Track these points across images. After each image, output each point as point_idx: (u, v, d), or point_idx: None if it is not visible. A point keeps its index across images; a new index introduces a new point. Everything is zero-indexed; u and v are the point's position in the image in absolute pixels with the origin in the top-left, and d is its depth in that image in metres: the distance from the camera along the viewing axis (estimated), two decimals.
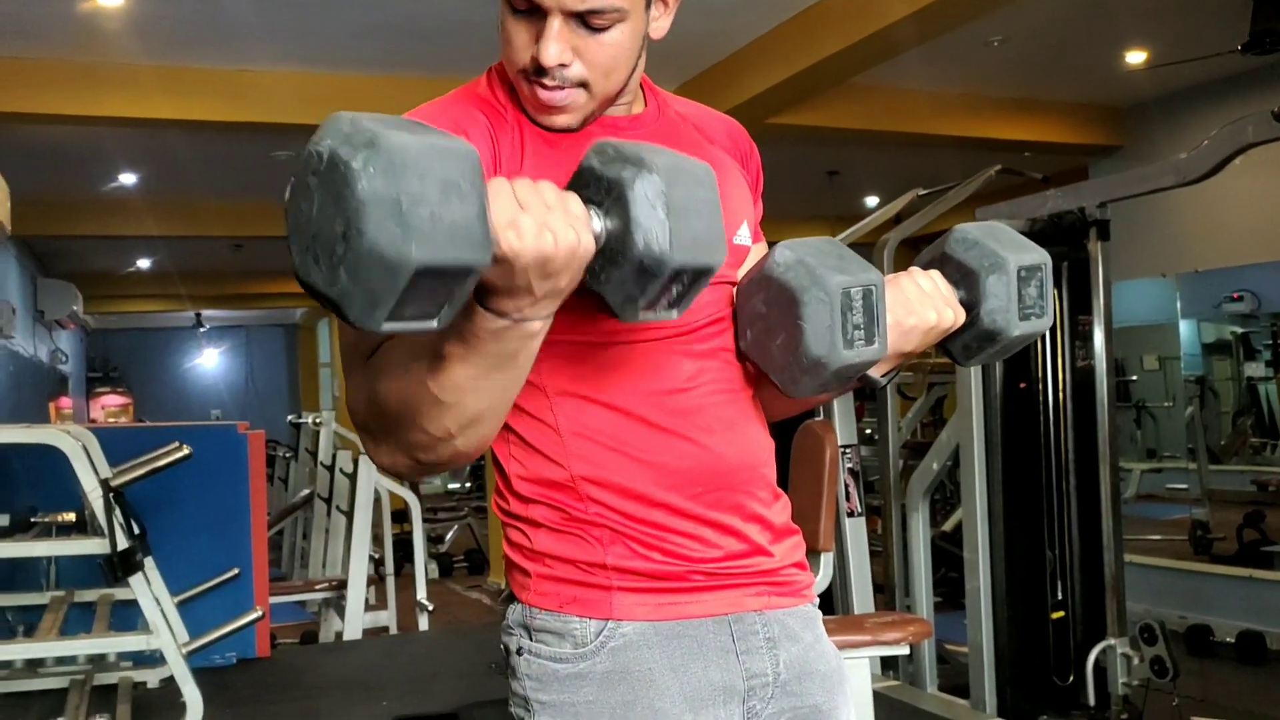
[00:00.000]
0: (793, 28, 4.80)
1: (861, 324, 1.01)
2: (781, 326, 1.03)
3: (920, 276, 1.11)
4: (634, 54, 1.06)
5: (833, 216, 8.94)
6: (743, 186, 1.20)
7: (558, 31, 1.00)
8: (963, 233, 1.13)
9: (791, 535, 1.17)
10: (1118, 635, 3.51)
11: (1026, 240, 1.13)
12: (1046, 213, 3.63)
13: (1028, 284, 1.10)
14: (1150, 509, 6.59)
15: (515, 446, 1.08)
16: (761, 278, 1.05)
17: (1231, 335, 6.62)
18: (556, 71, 1.02)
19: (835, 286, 1.00)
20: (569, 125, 1.07)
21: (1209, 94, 5.98)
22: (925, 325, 1.09)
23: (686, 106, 1.22)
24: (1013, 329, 1.10)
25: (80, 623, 3.62)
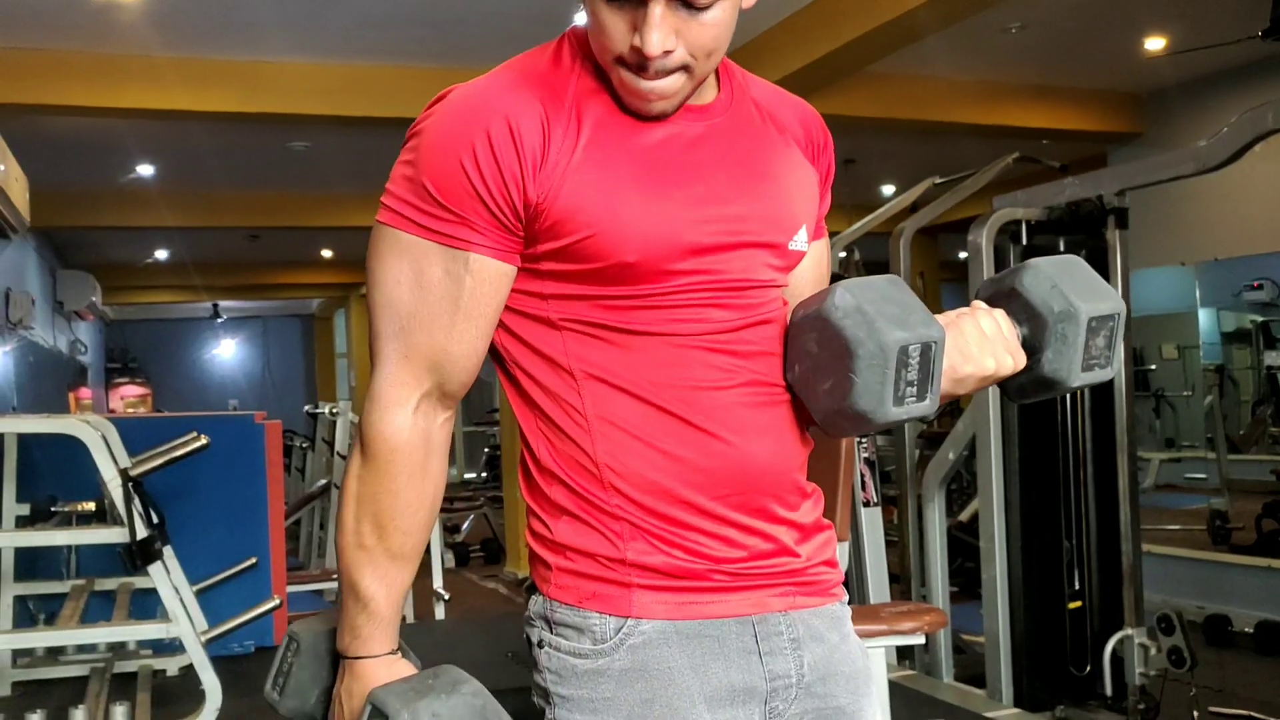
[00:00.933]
0: (809, 15, 4.78)
1: (915, 380, 0.97)
2: (831, 372, 0.99)
3: (984, 317, 1.06)
4: (732, 30, 1.02)
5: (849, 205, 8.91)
6: (808, 183, 1.16)
7: (660, 18, 0.95)
8: (1036, 269, 1.06)
9: (822, 531, 1.14)
10: (1135, 625, 3.49)
11: (1103, 283, 1.07)
12: (1064, 201, 3.60)
13: (1097, 334, 1.05)
14: (1169, 499, 6.55)
15: (544, 424, 1.07)
16: (817, 317, 1.00)
17: (1251, 324, 6.56)
18: (660, 60, 0.97)
19: (893, 344, 0.95)
20: (666, 112, 1.03)
21: (1229, 81, 5.92)
22: (982, 374, 1.05)
23: (762, 90, 1.17)
24: (1073, 379, 1.06)
25: (100, 611, 3.66)
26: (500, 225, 1.01)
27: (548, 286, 1.04)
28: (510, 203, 1.00)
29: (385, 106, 5.26)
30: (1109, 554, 3.63)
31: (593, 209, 1.00)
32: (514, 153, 0.99)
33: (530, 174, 1.00)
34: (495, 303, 1.05)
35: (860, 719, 1.12)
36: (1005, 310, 1.07)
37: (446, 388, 1.05)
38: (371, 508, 1.05)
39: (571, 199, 1.00)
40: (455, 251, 1.01)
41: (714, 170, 1.07)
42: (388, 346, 1.04)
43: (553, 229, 1.01)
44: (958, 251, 9.83)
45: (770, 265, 1.09)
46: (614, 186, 1.01)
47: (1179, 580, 5.22)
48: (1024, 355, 1.06)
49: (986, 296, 1.10)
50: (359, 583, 1.05)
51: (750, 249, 1.07)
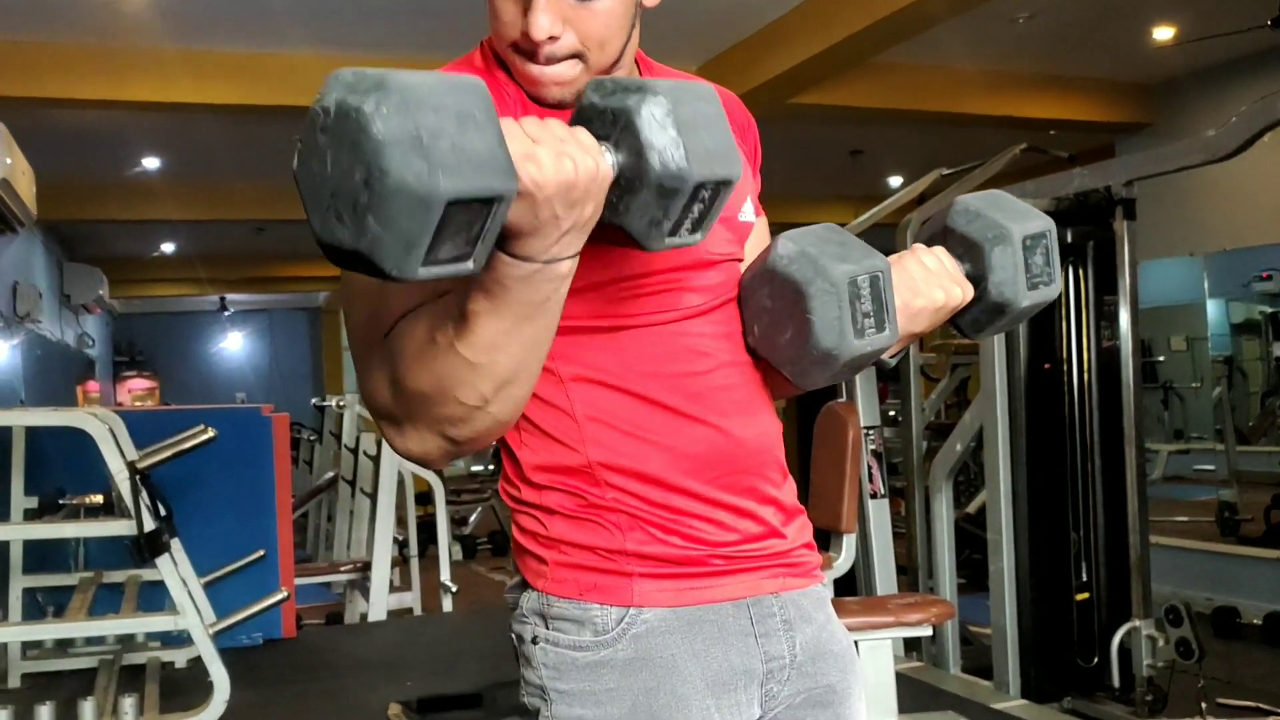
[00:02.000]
0: (816, 6, 4.76)
1: (871, 312, 0.99)
2: (789, 320, 1.01)
3: (924, 254, 1.09)
4: (628, 23, 1.03)
5: (856, 196, 8.90)
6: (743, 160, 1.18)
7: (545, 3, 0.97)
8: (964, 204, 1.11)
9: (799, 515, 1.16)
10: (1143, 617, 3.49)
11: (1029, 207, 1.11)
12: (1072, 191, 3.59)
13: (1033, 252, 1.08)
14: (1177, 490, 6.54)
15: (527, 433, 1.06)
16: (765, 271, 1.03)
17: (1260, 315, 6.54)
18: (547, 45, 0.99)
19: (841, 276, 0.98)
20: (564, 99, 1.03)
21: (1238, 70, 5.89)
22: (934, 305, 1.07)
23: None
24: (1021, 299, 1.09)
25: (109, 603, 3.67)
26: None
27: None
28: None
29: None
30: (1117, 546, 3.62)
31: None
32: None
33: None
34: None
35: (849, 697, 1.14)
36: (943, 247, 1.11)
37: None
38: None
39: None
40: None
41: None
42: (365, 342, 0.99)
43: None
44: None
45: (725, 238, 1.11)
46: None
47: (1187, 572, 5.21)
48: (970, 286, 1.09)
49: (924, 239, 1.13)
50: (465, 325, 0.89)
51: None
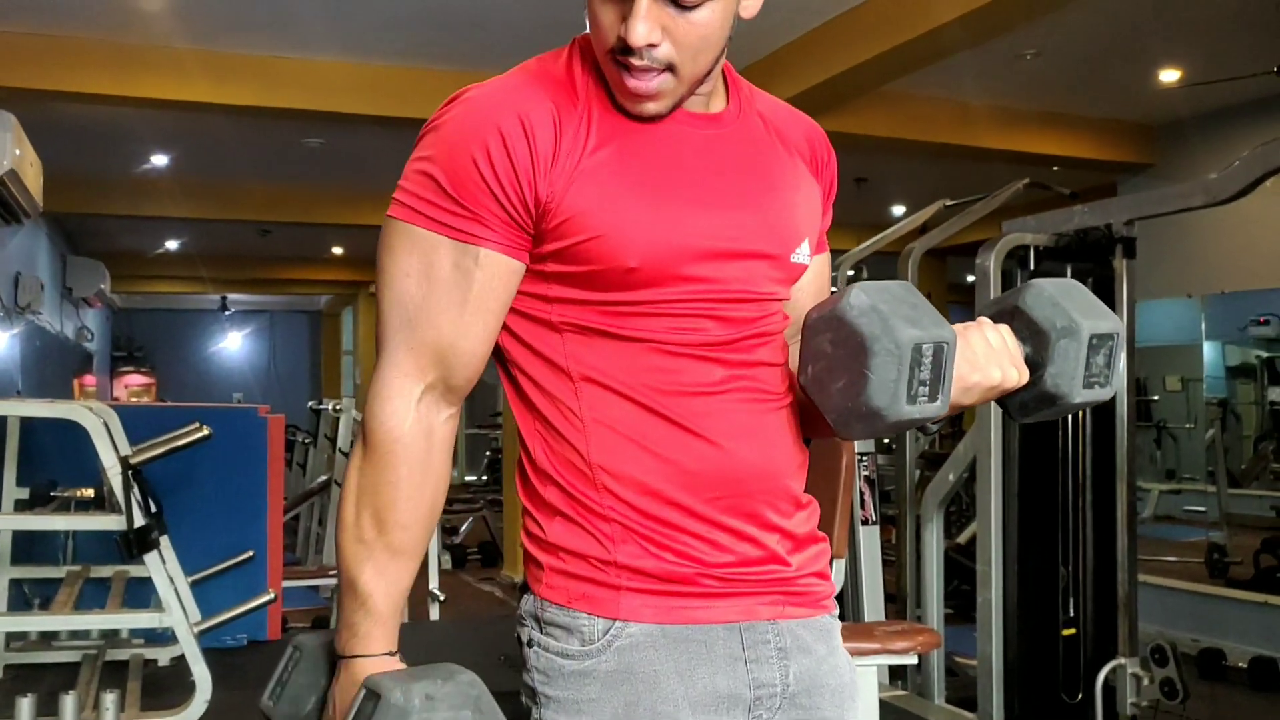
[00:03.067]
0: (826, 33, 4.79)
1: (927, 380, 0.98)
2: (845, 370, 1.00)
3: (989, 331, 1.07)
4: (724, 34, 1.03)
5: (859, 223, 8.93)
6: (812, 197, 1.17)
7: (646, 10, 0.97)
8: (1039, 288, 1.09)
9: (815, 544, 1.15)
10: (1129, 655, 3.49)
11: (1102, 305, 1.10)
12: (1073, 228, 3.61)
13: (1097, 351, 1.07)
14: (1167, 530, 6.54)
15: (540, 426, 1.08)
16: (832, 317, 1.01)
17: (1256, 359, 6.55)
18: (645, 52, 0.98)
19: (907, 340, 0.97)
20: (658, 113, 1.04)
21: (1242, 115, 5.92)
22: (989, 383, 1.06)
23: (768, 105, 1.18)
24: (1075, 395, 1.07)
25: (95, 598, 3.66)
26: (511, 221, 1.02)
27: (552, 289, 1.05)
28: (521, 199, 1.01)
29: (402, 106, 5.28)
30: (1105, 582, 3.62)
31: (599, 212, 1.01)
32: (527, 149, 1.00)
33: (542, 171, 1.01)
34: (503, 298, 1.05)
35: None
36: (1008, 327, 1.10)
37: (451, 382, 1.06)
38: (372, 500, 1.04)
39: (579, 200, 1.01)
40: (466, 246, 1.02)
41: (720, 179, 1.08)
42: (394, 338, 1.05)
43: (559, 229, 1.02)
44: (966, 274, 9.82)
45: (771, 277, 1.11)
46: (621, 190, 1.02)
47: (1174, 612, 5.21)
48: (1027, 371, 1.08)
49: (990, 314, 1.12)
50: (358, 579, 1.05)
51: (750, 259, 1.08)
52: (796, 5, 4.57)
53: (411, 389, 1.04)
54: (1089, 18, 4.65)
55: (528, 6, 4.49)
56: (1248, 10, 4.63)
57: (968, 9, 4.00)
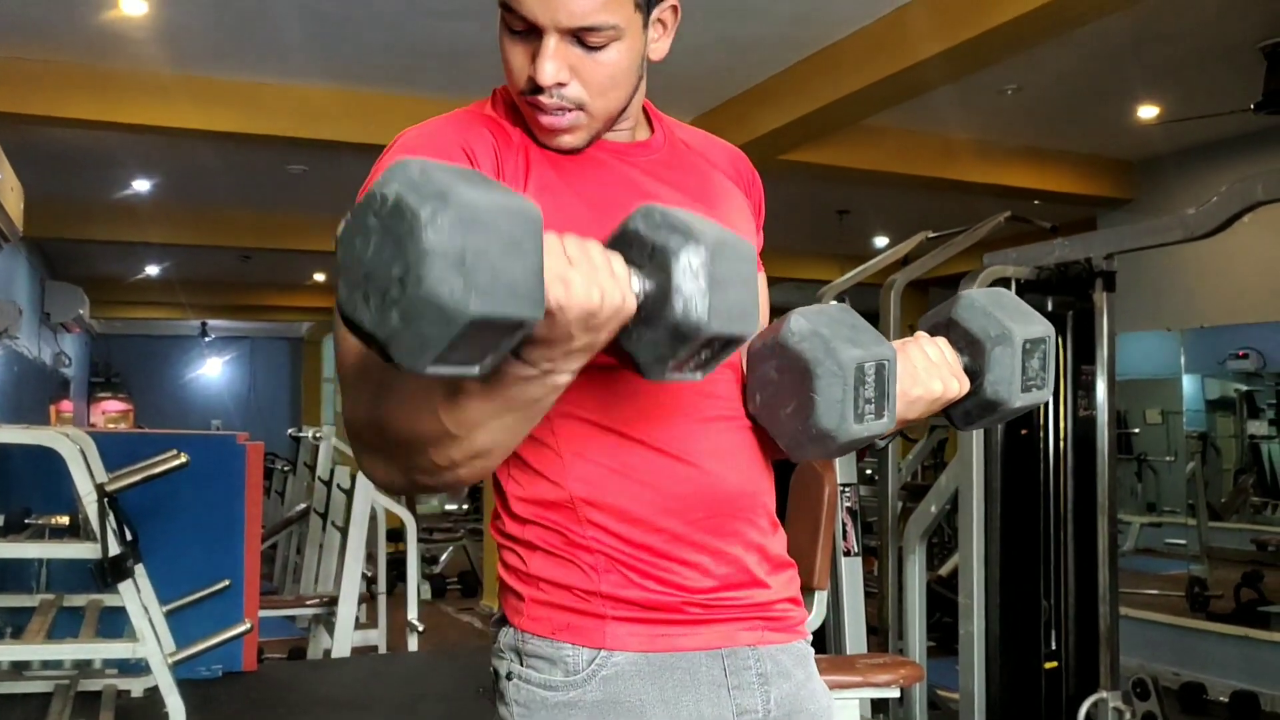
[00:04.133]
0: (808, 67, 4.83)
1: (872, 398, 1.01)
2: (793, 395, 1.03)
3: (928, 344, 1.11)
4: (632, 74, 1.06)
5: (842, 255, 8.98)
6: (746, 214, 1.20)
7: (554, 50, 1.01)
8: (970, 299, 1.14)
9: (788, 569, 1.16)
10: (1110, 688, 3.48)
11: (1032, 311, 1.14)
12: (1053, 262, 3.63)
13: (1031, 356, 1.11)
14: (1148, 563, 6.55)
15: (515, 468, 1.07)
16: (775, 344, 1.04)
17: (1235, 393, 6.60)
18: (554, 90, 1.02)
19: (849, 360, 1.00)
20: (574, 146, 1.07)
21: (1221, 151, 6.00)
22: (931, 396, 1.09)
23: (689, 134, 1.22)
24: (1014, 400, 1.11)
25: (68, 627, 3.60)
26: None
27: None
28: None
29: (386, 133, 5.18)
30: (1086, 615, 3.62)
31: None
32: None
33: None
34: None
35: None
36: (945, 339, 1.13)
37: None
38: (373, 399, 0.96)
39: None
40: None
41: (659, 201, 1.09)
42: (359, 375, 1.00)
43: None
44: None
45: None
46: (566, 218, 1.03)
47: (1156, 645, 5.21)
48: (968, 380, 1.12)
49: (926, 328, 1.16)
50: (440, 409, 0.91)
51: None
52: (780, 40, 4.61)
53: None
54: (1069, 54, 4.71)
55: None
56: (1225, 48, 4.70)
57: (949, 44, 4.05)
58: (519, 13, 1.01)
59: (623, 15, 1.01)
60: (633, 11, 1.03)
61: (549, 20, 0.99)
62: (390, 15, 4.41)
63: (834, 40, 4.63)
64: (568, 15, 0.99)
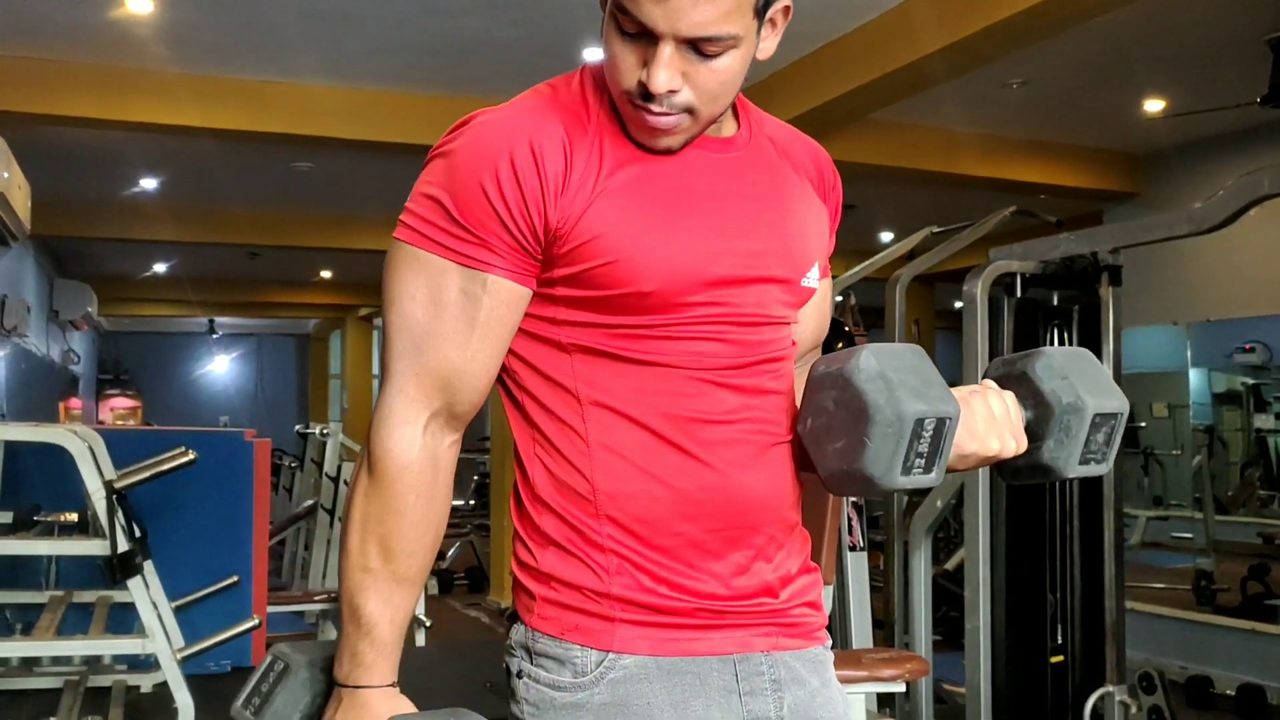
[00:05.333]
0: (814, 62, 4.83)
1: (925, 453, 0.98)
2: (844, 433, 0.99)
3: (994, 398, 1.06)
4: (742, 78, 1.04)
5: (847, 250, 8.94)
6: (821, 220, 1.18)
7: (669, 58, 0.98)
8: (1049, 359, 1.08)
9: (808, 574, 1.15)
10: (1116, 683, 3.48)
11: (1111, 383, 1.08)
12: (1059, 256, 3.63)
13: (1099, 430, 1.06)
14: (1155, 557, 6.54)
15: (543, 448, 1.07)
16: (839, 376, 1.00)
17: (1242, 386, 6.59)
18: (665, 98, 0.99)
19: (910, 414, 0.96)
20: (671, 147, 1.05)
21: (1227, 145, 5.98)
22: (985, 454, 1.05)
23: (776, 129, 1.19)
24: (1069, 470, 1.07)
25: (78, 623, 3.63)
26: (519, 248, 1.02)
27: (561, 312, 1.05)
28: (530, 226, 1.01)
29: (393, 132, 5.30)
30: (1093, 609, 3.62)
31: (615, 236, 1.01)
32: (536, 176, 1.00)
33: (552, 198, 1.01)
34: (510, 324, 1.05)
35: None
36: (1014, 393, 1.08)
37: (456, 408, 1.05)
38: (378, 528, 1.03)
39: (593, 225, 1.01)
40: (473, 272, 1.02)
41: (733, 203, 1.08)
42: (400, 364, 1.04)
43: (572, 254, 1.02)
44: (953, 301, 9.86)
45: (783, 301, 1.11)
46: (637, 215, 1.02)
47: (1162, 639, 5.20)
48: (1025, 440, 1.07)
49: (997, 376, 1.11)
50: (362, 607, 1.03)
51: (764, 284, 1.09)
52: (785, 35, 4.59)
53: (418, 416, 1.04)
54: (1074, 48, 4.70)
55: (516, 32, 4.52)
56: (1231, 41, 4.68)
57: (954, 39, 4.04)
58: (635, 16, 0.97)
59: (743, 24, 0.99)
60: (751, 19, 1.00)
61: (668, 28, 0.96)
62: (395, 13, 4.41)
63: (838, 35, 4.63)
64: (689, 25, 0.96)
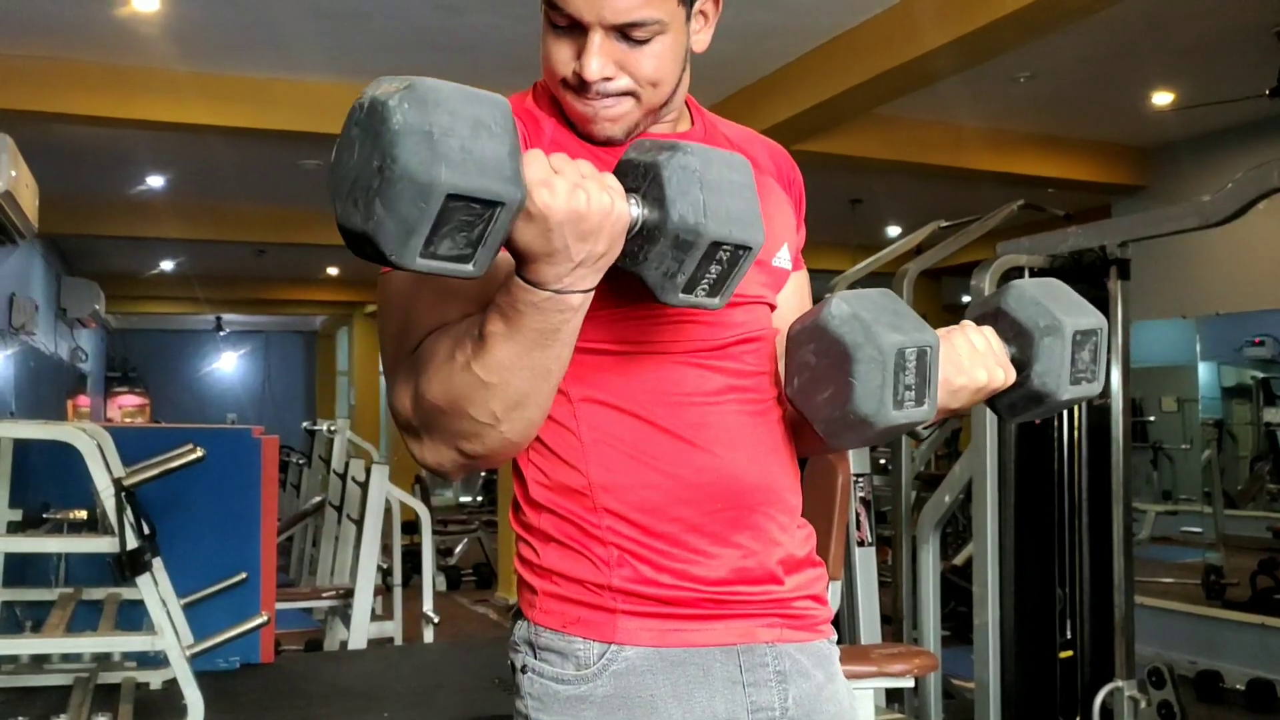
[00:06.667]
0: (820, 56, 4.82)
1: (913, 385, 0.99)
2: (830, 380, 1.00)
3: (973, 333, 1.09)
4: (677, 66, 1.07)
5: (854, 245, 8.94)
6: (785, 208, 1.20)
7: (599, 45, 1.01)
8: (1020, 289, 1.11)
9: (811, 568, 1.15)
10: (1126, 677, 3.47)
11: (1085, 302, 1.11)
12: (1067, 250, 3.62)
13: (1082, 348, 1.08)
14: (1164, 551, 6.52)
15: (536, 452, 1.08)
16: (814, 327, 1.02)
17: (1251, 380, 6.56)
18: (600, 85, 1.03)
19: (890, 346, 0.97)
20: (614, 136, 1.07)
21: (1235, 137, 5.96)
22: (975, 385, 1.07)
23: (731, 128, 1.22)
24: (1062, 392, 1.08)
25: (87, 620, 3.63)
26: None
27: None
28: None
29: None
30: (1102, 604, 3.61)
31: None
32: None
33: None
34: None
35: None
36: (993, 328, 1.11)
37: None
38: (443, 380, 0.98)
39: None
40: None
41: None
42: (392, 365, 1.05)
43: None
44: (960, 295, 9.85)
45: (758, 281, 1.13)
46: None
47: (1171, 634, 5.19)
48: (1014, 370, 1.09)
49: (974, 317, 1.13)
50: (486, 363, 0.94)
51: None
52: (790, 30, 4.60)
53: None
54: (1081, 41, 4.68)
55: (521, 29, 4.51)
56: (1240, 34, 4.66)
57: (960, 33, 4.03)
58: (564, 10, 1.01)
59: (666, 9, 1.02)
60: (676, 5, 1.04)
61: (594, 17, 1.00)
62: (401, 9, 4.41)
63: (844, 29, 4.61)
64: (613, 12, 1.00)
